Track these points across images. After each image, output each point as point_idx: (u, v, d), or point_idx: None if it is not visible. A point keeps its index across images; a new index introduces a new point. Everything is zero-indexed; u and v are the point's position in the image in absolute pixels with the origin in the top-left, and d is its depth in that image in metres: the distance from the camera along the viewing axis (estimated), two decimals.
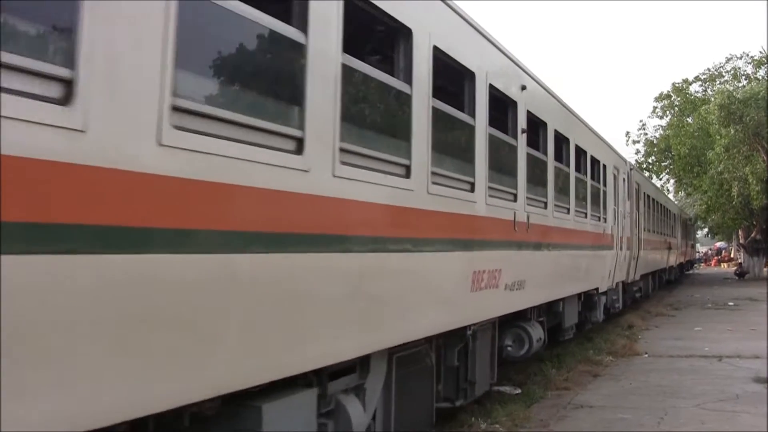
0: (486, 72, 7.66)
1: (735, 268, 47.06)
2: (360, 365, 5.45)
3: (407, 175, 5.74)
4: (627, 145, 49.12)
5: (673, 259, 34.63)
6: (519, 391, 9.90)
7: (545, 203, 10.24)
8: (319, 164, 4.52)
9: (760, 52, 42.07)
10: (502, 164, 8.36)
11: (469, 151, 7.35)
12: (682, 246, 40.83)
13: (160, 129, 3.33)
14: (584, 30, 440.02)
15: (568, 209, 11.75)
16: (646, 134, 48.30)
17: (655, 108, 47.54)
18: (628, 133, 59.53)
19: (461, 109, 7.19)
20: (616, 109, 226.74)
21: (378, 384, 5.76)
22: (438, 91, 6.33)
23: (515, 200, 8.65)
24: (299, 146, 4.37)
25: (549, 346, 11.73)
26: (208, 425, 4.11)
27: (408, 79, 5.79)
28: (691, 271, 50.39)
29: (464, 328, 7.18)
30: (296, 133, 4.36)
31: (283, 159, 4.23)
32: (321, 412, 4.95)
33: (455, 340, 7.37)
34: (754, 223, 42.48)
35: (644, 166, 45.48)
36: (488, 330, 8.43)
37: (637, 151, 47.78)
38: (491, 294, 7.70)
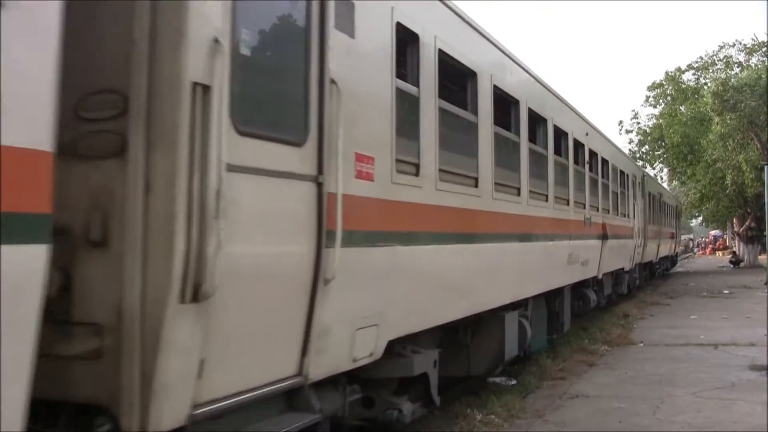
0: None
1: (730, 256, 47.18)
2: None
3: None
4: (620, 134, 49.08)
5: (625, 258, 19.45)
6: (514, 381, 9.85)
7: None
8: None
9: (753, 40, 42.10)
10: None
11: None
12: (655, 234, 27.25)
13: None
14: (576, 19, 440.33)
15: None
16: (638, 123, 48.18)
17: (647, 97, 47.43)
18: (621, 122, 59.45)
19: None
20: (608, 98, 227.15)
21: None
22: None
23: None
24: None
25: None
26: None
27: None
28: (674, 269, 40.26)
29: None
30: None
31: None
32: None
33: None
34: (749, 211, 42.52)
35: (638, 155, 45.44)
36: None
37: (630, 141, 47.72)
38: None
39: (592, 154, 15.05)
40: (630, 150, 44.62)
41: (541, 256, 10.54)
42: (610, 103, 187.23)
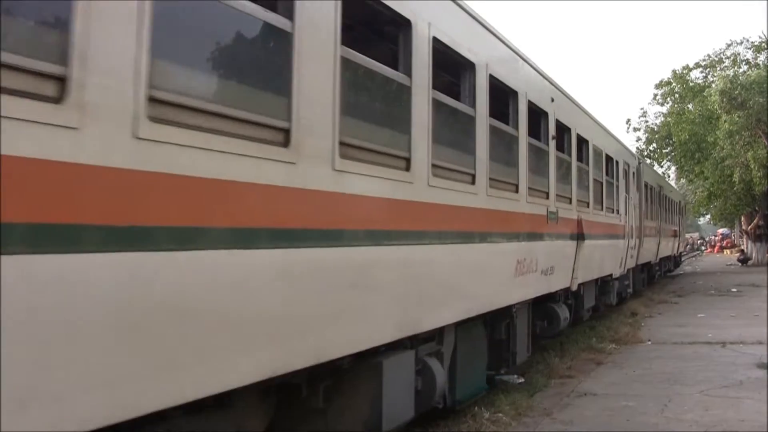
0: None
1: (738, 254, 47.02)
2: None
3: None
4: (627, 132, 49.01)
5: (614, 262, 16.08)
6: (522, 380, 9.87)
7: None
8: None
9: (760, 37, 41.93)
10: None
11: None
12: (654, 232, 23.60)
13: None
14: (585, 17, 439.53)
15: None
16: (646, 122, 47.98)
17: (655, 95, 47.21)
18: (628, 120, 59.23)
19: None
20: (616, 96, 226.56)
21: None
22: None
23: None
24: None
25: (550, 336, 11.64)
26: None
27: None
28: (677, 270, 37.28)
29: None
30: None
31: None
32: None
33: None
34: (757, 209, 42.39)
35: (645, 153, 45.30)
36: None
37: (638, 139, 47.58)
38: None
39: (563, 128, 11.36)
40: (638, 148, 44.50)
41: (461, 266, 7.05)
42: (619, 101, 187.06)
